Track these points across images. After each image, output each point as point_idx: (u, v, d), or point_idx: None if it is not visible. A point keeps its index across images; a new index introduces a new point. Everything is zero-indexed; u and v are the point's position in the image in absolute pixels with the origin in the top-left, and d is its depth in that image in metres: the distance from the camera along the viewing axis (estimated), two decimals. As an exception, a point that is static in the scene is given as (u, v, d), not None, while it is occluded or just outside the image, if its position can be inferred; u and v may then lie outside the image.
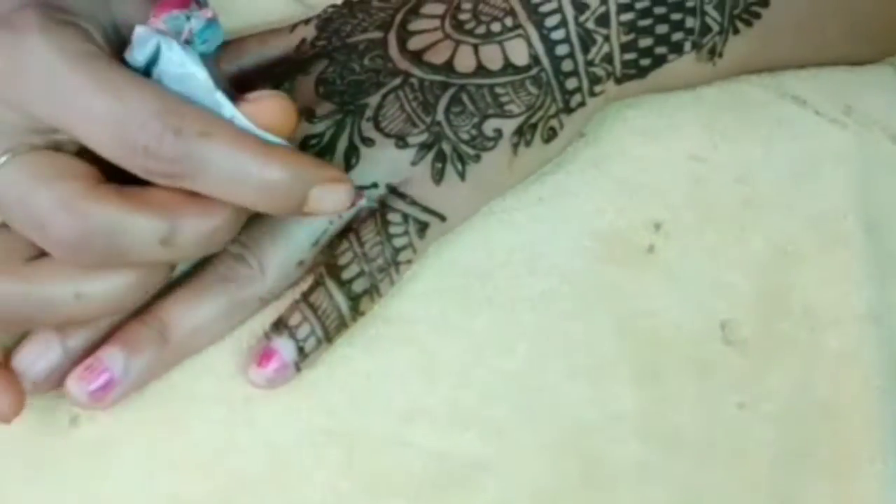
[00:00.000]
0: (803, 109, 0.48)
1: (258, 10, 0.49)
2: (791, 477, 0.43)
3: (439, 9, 0.45)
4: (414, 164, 0.43)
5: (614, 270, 0.44)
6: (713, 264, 0.45)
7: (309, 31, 0.47)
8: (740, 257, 0.45)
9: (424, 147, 0.43)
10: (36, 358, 0.41)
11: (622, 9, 0.44)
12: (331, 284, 0.42)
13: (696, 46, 0.45)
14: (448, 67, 0.44)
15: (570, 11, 0.44)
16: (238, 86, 0.46)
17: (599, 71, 0.44)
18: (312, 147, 0.43)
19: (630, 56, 0.45)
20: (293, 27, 0.47)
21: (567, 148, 0.45)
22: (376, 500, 0.41)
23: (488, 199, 0.44)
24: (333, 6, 0.47)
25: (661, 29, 0.45)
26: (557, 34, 0.44)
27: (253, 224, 0.42)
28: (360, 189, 0.42)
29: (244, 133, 0.39)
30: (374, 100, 0.44)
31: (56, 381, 0.41)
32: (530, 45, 0.44)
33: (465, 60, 0.44)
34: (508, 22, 0.44)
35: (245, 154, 0.38)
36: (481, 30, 0.44)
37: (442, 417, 0.41)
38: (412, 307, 0.43)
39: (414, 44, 0.45)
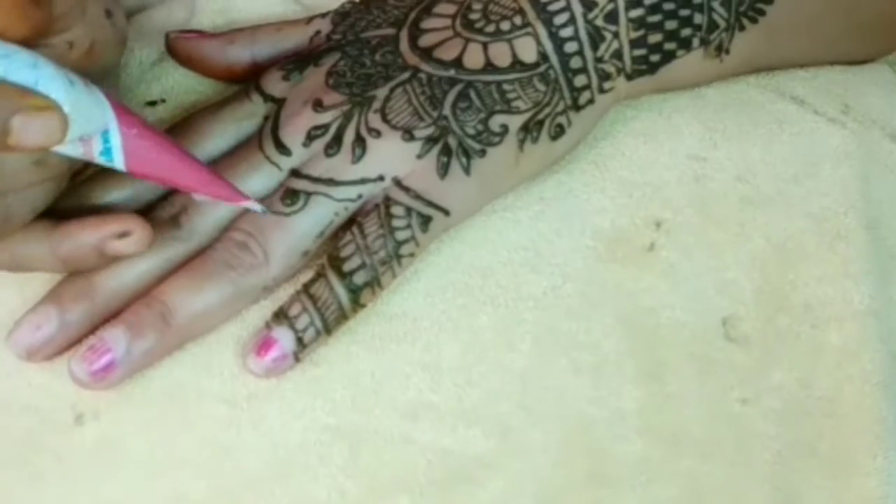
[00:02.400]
0: (802, 109, 0.48)
1: (257, 10, 0.50)
2: (793, 472, 0.43)
3: (451, 9, 0.46)
4: (420, 157, 0.43)
5: (616, 269, 0.44)
6: (714, 262, 0.45)
7: (324, 24, 0.47)
8: (741, 255, 0.45)
9: (430, 141, 0.43)
10: (34, 328, 0.42)
11: (631, 5, 0.45)
12: (332, 276, 0.42)
13: (704, 42, 0.46)
14: (457, 64, 0.44)
15: (578, 9, 0.44)
16: (251, 75, 0.46)
17: (609, 67, 0.45)
18: (319, 137, 0.43)
19: (640, 52, 0.45)
20: (310, 19, 0.48)
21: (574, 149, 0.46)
22: (381, 497, 0.41)
23: (494, 196, 0.45)
24: (351, 2, 0.48)
25: (670, 25, 0.45)
26: (566, 32, 0.44)
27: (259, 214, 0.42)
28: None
29: None
30: (381, 92, 0.44)
31: (51, 351, 0.42)
32: (539, 42, 0.44)
33: (474, 57, 0.44)
34: (517, 20, 0.45)
35: None
36: (491, 28, 0.45)
37: (446, 415, 0.42)
38: (415, 305, 0.43)
39: (425, 41, 0.45)
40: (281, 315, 0.42)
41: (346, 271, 0.42)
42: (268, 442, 0.41)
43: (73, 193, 0.43)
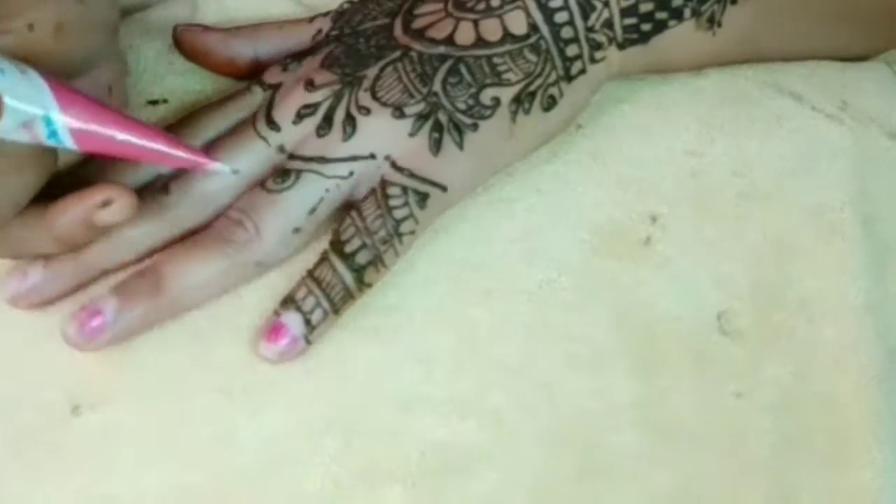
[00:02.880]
0: (800, 105, 0.48)
1: (257, 9, 0.50)
2: (788, 466, 0.43)
3: None
4: (412, 134, 0.43)
5: (612, 262, 0.44)
6: (710, 256, 0.45)
7: (326, 23, 0.48)
8: (737, 249, 0.45)
9: (421, 118, 0.43)
10: (21, 276, 0.43)
11: None
12: (334, 258, 0.43)
13: (696, 13, 0.46)
14: (448, 41, 0.45)
15: None
16: (253, 72, 0.47)
17: (600, 37, 0.45)
18: (309, 115, 0.44)
19: (630, 21, 0.45)
20: (312, 18, 0.48)
21: (570, 125, 0.46)
22: (374, 488, 0.41)
23: (492, 169, 0.45)
24: (349, 1, 0.48)
25: None
26: (556, 2, 0.45)
27: (253, 192, 0.43)
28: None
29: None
30: (372, 71, 0.44)
31: (35, 299, 0.43)
32: (528, 14, 0.45)
33: (465, 34, 0.45)
34: None
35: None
36: (481, 6, 0.45)
37: (440, 406, 0.42)
38: (410, 297, 0.43)
39: (417, 24, 0.46)
40: (288, 300, 0.43)
41: (348, 252, 0.43)
42: (263, 433, 0.41)
43: (69, 181, 0.43)
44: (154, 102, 0.48)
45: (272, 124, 0.44)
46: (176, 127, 0.46)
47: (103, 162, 0.44)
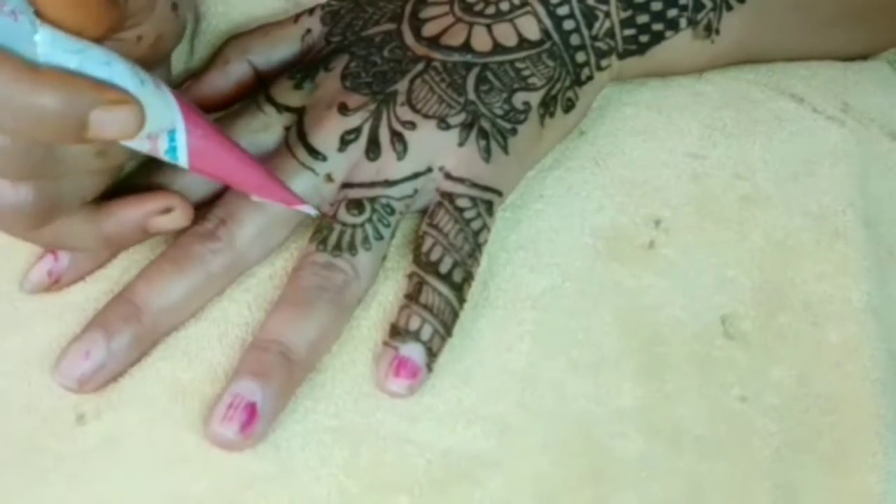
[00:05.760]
0: (801, 107, 0.48)
1: (258, 12, 0.50)
2: (793, 469, 0.43)
3: None
4: (461, 144, 0.44)
5: (615, 267, 0.44)
6: (713, 260, 0.45)
7: (314, 23, 0.48)
8: (740, 252, 0.45)
9: (466, 127, 0.44)
10: (82, 356, 0.42)
11: None
12: (434, 281, 0.42)
13: (692, 23, 0.46)
14: (466, 48, 0.45)
15: None
16: (259, 83, 0.47)
17: (603, 45, 0.46)
18: (353, 141, 0.44)
19: (630, 32, 0.46)
20: (297, 17, 0.48)
21: (572, 134, 0.46)
22: (381, 496, 0.41)
23: (526, 171, 0.45)
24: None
25: (656, 6, 0.46)
26: (562, 10, 0.45)
27: (332, 228, 0.43)
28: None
29: (6, 57, 0.36)
30: (402, 86, 0.44)
31: (102, 379, 0.42)
32: (539, 20, 0.45)
33: (481, 40, 0.45)
34: (515, 0, 0.45)
35: (8, 81, 0.36)
36: (491, 10, 0.45)
37: (445, 415, 0.42)
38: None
39: (428, 30, 0.46)
40: (404, 332, 0.42)
41: (444, 273, 0.42)
42: (269, 442, 0.41)
43: (121, 184, 0.43)
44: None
45: (315, 153, 0.44)
46: None
47: (151, 169, 0.44)
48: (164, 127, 0.39)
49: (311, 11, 0.48)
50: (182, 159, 0.40)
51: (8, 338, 0.44)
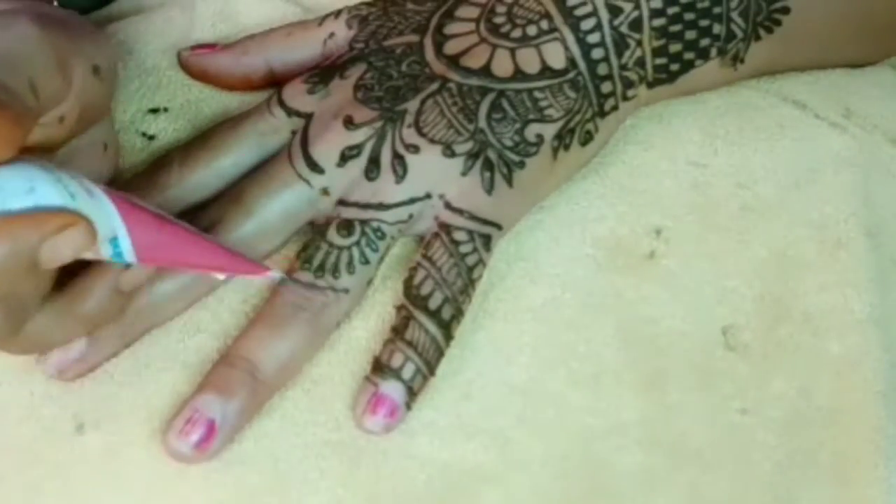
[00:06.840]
0: (803, 113, 0.48)
1: (256, 12, 0.49)
2: (794, 482, 0.43)
3: (474, 12, 0.45)
4: (464, 174, 0.43)
5: (616, 277, 0.44)
6: (714, 270, 0.45)
7: (338, 27, 0.47)
8: (741, 263, 0.45)
9: (472, 156, 0.43)
10: (63, 348, 0.41)
11: (654, 14, 0.44)
12: (421, 317, 0.42)
13: (721, 52, 0.45)
14: (486, 72, 0.44)
15: (604, 15, 0.44)
16: (268, 83, 0.46)
17: (632, 75, 0.45)
18: (353, 157, 0.43)
19: (661, 61, 0.45)
20: (321, 21, 0.47)
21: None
22: (380, 511, 0.41)
23: (533, 204, 0.44)
24: (365, 3, 0.47)
25: (690, 35, 0.45)
26: (593, 38, 0.44)
27: (317, 249, 0.42)
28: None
29: None
30: (412, 105, 0.43)
31: (83, 369, 0.42)
32: (567, 48, 0.44)
33: (502, 64, 0.44)
34: (544, 25, 0.44)
35: None
36: (517, 33, 0.44)
37: (445, 429, 0.41)
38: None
39: (450, 48, 0.45)
40: (385, 369, 0.41)
41: (433, 309, 0.42)
42: (268, 456, 0.41)
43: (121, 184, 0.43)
44: (154, 111, 0.47)
45: (314, 166, 0.43)
46: (188, 149, 0.45)
47: (152, 169, 0.44)
48: (105, 235, 0.37)
49: (337, 14, 0.47)
50: (129, 259, 0.38)
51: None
